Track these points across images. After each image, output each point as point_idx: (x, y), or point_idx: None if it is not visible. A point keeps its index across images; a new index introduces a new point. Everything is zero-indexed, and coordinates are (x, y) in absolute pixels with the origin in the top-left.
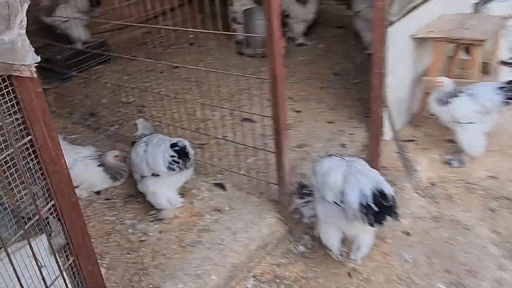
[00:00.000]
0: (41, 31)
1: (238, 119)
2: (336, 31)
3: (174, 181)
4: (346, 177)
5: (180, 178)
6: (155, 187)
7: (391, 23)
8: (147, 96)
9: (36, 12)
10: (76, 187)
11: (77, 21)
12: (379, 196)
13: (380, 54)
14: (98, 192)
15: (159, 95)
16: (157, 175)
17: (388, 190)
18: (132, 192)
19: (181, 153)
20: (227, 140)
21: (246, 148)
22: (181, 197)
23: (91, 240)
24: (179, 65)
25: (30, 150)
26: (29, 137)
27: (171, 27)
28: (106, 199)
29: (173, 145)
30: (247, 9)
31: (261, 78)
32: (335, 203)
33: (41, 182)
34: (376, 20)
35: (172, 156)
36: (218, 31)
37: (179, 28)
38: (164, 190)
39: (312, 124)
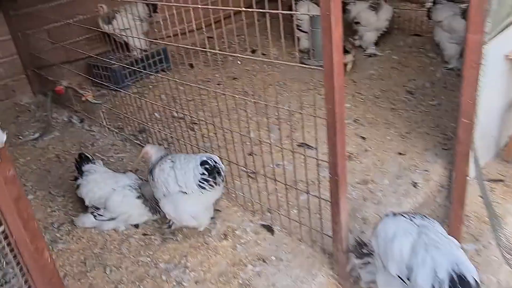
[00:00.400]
0: (100, 38)
1: (295, 143)
2: (412, 39)
3: (203, 199)
4: (415, 248)
5: (210, 196)
6: (181, 205)
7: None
8: (200, 110)
9: (96, 18)
10: (113, 219)
11: (136, 28)
12: (458, 282)
13: (472, 100)
14: (136, 225)
15: (213, 110)
16: (185, 193)
17: (471, 273)
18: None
19: (212, 171)
20: (277, 167)
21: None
22: (212, 218)
23: None
24: (236, 77)
25: (4, 243)
26: (1, 228)
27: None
28: (144, 234)
29: (203, 163)
30: (312, 16)
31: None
32: (400, 277)
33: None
34: (469, 57)
35: (203, 174)
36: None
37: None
38: (191, 208)
39: (378, 154)
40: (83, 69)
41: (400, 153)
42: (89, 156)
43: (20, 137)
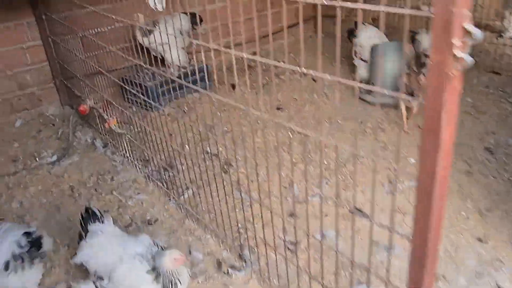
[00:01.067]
0: (137, 49)
1: (347, 206)
2: (489, 78)
3: None
4: None
5: None
6: None
7: None
8: (238, 147)
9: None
10: None
11: (175, 43)
12: None
13: None
14: None
15: (252, 148)
16: None
17: None
18: None
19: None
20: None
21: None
22: None
23: None
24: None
25: None
26: None
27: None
28: None
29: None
30: (375, 44)
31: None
32: None
33: None
34: None
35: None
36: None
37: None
38: None
39: (452, 237)
40: (114, 82)
41: (479, 239)
42: (97, 213)
43: (37, 158)
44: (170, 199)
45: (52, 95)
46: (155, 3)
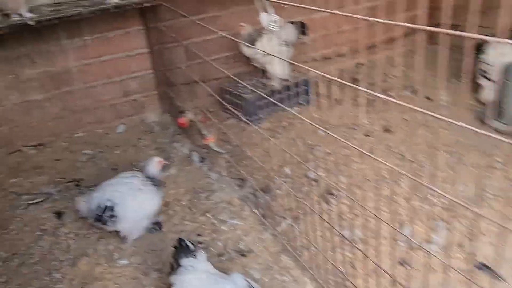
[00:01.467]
0: (239, 59)
1: (470, 260)
2: None
3: None
4: None
5: None
6: None
7: None
8: (341, 173)
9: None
10: None
11: (280, 54)
12: None
13: None
14: None
15: (356, 176)
16: None
17: None
18: None
19: None
20: None
21: None
22: None
23: None
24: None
25: None
26: None
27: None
28: None
29: None
30: (509, 64)
31: None
32: None
33: None
34: None
35: None
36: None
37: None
38: None
39: None
40: (215, 91)
41: None
42: (190, 247)
43: (134, 167)
44: (265, 229)
45: (154, 102)
46: (269, 23)
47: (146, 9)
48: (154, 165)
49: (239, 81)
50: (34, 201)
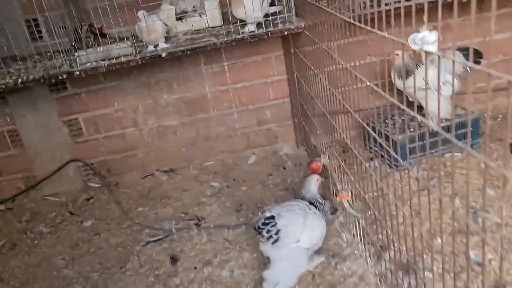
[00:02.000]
0: (389, 89)
1: None
2: None
3: None
4: None
5: None
6: None
7: None
8: None
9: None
10: None
11: (441, 90)
12: None
13: None
14: None
15: None
16: None
17: None
18: None
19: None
20: None
21: None
22: None
23: None
24: None
25: None
26: None
27: None
28: None
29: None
30: None
31: None
32: None
33: None
34: None
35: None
36: None
37: None
38: None
39: None
40: (357, 125)
41: None
42: None
43: (260, 211)
44: None
45: (289, 134)
46: (428, 48)
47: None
48: (313, 184)
49: (388, 116)
50: (154, 239)
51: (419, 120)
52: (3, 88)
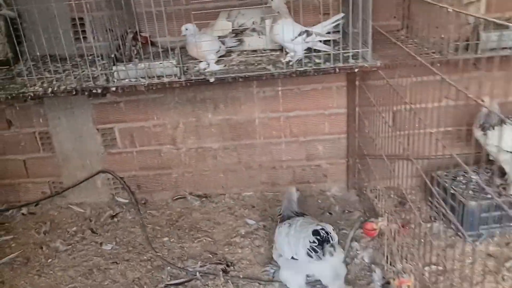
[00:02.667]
0: (466, 141)
1: None
2: None
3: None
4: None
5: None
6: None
7: None
8: None
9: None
10: None
11: None
12: None
13: None
14: None
15: None
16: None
17: None
18: None
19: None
20: None
21: None
22: None
23: None
24: None
25: None
26: None
27: None
28: None
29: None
30: None
31: None
32: None
33: None
34: None
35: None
36: None
37: None
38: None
39: None
40: (420, 175)
41: None
42: None
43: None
44: None
45: (340, 173)
46: None
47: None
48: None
49: (459, 172)
50: (174, 282)
51: (495, 183)
52: (31, 95)
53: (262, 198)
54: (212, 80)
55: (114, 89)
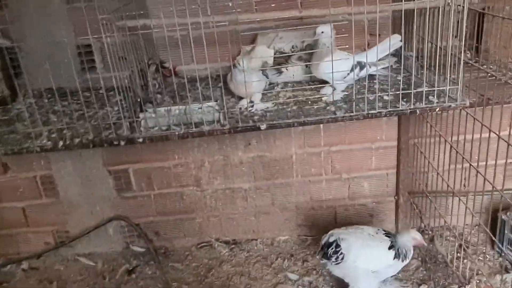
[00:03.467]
0: None
1: None
2: None
3: None
4: None
5: None
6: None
7: None
8: None
9: None
10: None
11: None
12: None
13: None
14: None
15: None
16: None
17: None
18: None
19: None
20: None
21: None
22: None
23: None
24: None
25: None
26: None
27: None
28: None
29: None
30: None
31: None
32: None
33: None
34: None
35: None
36: None
37: None
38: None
39: None
40: (484, 211)
41: None
42: None
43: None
44: None
45: (388, 213)
46: None
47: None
48: (409, 239)
49: None
50: None
51: None
52: (37, 150)
53: (300, 244)
54: (263, 127)
55: (141, 140)
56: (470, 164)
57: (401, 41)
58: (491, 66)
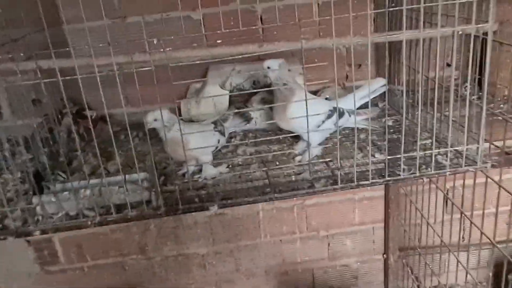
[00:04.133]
0: None
1: None
2: None
3: None
4: None
5: None
6: None
7: None
8: None
9: None
10: None
11: None
12: None
13: None
14: None
15: None
16: None
17: None
18: None
19: None
20: None
21: None
22: None
23: None
24: None
25: None
26: None
27: None
28: None
29: None
30: None
31: None
32: None
33: None
34: None
35: None
36: None
37: None
38: None
39: None
40: (489, 266)
41: None
42: None
43: None
44: None
45: (375, 273)
46: None
47: None
48: None
49: None
50: None
51: None
52: None
53: None
54: (214, 209)
55: (38, 233)
56: (464, 214)
57: (385, 85)
58: (501, 105)
